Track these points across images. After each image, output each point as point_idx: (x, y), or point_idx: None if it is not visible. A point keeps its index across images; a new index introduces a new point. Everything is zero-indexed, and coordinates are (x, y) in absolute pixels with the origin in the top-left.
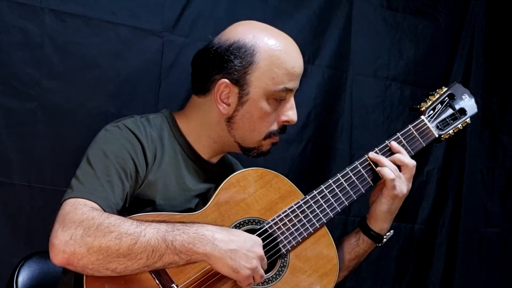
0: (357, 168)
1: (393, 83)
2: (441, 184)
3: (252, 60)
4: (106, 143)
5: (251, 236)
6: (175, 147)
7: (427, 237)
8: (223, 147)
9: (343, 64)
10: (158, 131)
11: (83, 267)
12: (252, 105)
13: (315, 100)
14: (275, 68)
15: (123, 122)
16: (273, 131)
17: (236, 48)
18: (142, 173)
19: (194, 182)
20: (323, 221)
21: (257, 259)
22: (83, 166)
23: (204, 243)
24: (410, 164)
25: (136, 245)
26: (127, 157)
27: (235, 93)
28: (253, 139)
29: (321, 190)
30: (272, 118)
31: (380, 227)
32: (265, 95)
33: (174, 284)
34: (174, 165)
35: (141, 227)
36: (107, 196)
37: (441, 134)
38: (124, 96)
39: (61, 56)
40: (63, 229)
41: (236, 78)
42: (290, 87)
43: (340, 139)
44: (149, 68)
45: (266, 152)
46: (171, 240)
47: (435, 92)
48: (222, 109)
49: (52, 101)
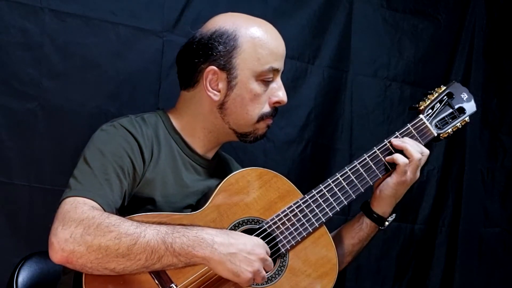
0: (355, 168)
1: (393, 83)
2: (441, 184)
3: (235, 44)
4: (102, 142)
5: (252, 238)
6: (171, 144)
7: (427, 237)
8: (219, 137)
9: (343, 64)
10: (153, 130)
11: (81, 265)
12: (242, 88)
13: (315, 100)
14: (259, 49)
15: (119, 121)
16: (265, 113)
17: (219, 35)
18: (139, 171)
19: (191, 178)
20: (322, 221)
21: (259, 261)
22: (80, 165)
23: (204, 246)
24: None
25: (136, 245)
26: (124, 155)
27: (223, 78)
28: (247, 122)
29: (320, 189)
30: (263, 100)
31: (383, 210)
32: (253, 76)
33: (174, 284)
34: (171, 162)
35: (141, 228)
36: (106, 194)
37: (440, 133)
38: (124, 96)
39: (61, 56)
40: (63, 227)
41: (222, 64)
42: (276, 66)
43: (340, 139)
44: (149, 68)
45: (262, 135)
46: (171, 242)
47: (434, 91)
48: (213, 96)
49: (52, 101)
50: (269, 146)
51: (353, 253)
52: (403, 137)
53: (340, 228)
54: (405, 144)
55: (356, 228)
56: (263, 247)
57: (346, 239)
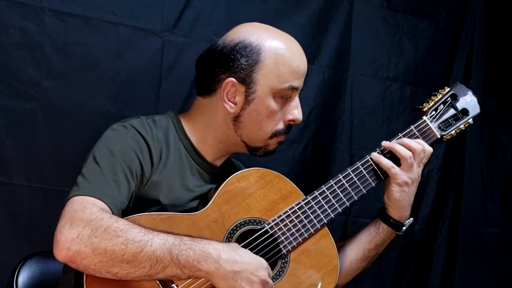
0: (358, 169)
1: (393, 83)
2: (441, 184)
3: (258, 59)
4: (112, 142)
5: (257, 259)
6: (180, 149)
7: (427, 237)
8: (229, 147)
9: (343, 64)
10: (164, 132)
11: (85, 266)
12: (258, 104)
13: (315, 100)
14: (281, 66)
15: (130, 122)
16: (279, 130)
17: (242, 47)
18: (147, 173)
19: (197, 184)
20: (324, 222)
21: (259, 283)
22: (89, 164)
23: (209, 262)
24: (418, 149)
25: (142, 253)
26: (133, 156)
27: (241, 91)
28: (260, 138)
29: (323, 190)
30: (278, 117)
31: (399, 215)
32: (272, 93)
33: (174, 284)
34: (179, 166)
35: (148, 236)
36: (113, 195)
37: (443, 135)
38: (124, 96)
39: (61, 56)
40: (70, 226)
41: (242, 77)
42: (295, 85)
43: (340, 139)
44: (149, 68)
45: (272, 151)
46: (177, 254)
47: (438, 92)
48: (228, 108)
49: (52, 101)
50: None
51: (369, 258)
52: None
53: (355, 233)
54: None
55: (372, 233)
56: (266, 269)
57: (363, 243)
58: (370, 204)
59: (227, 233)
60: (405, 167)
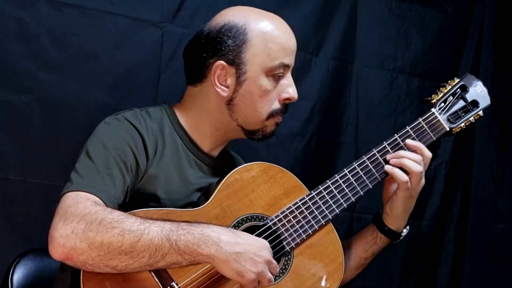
0: (364, 163)
1: (400, 75)
2: (449, 179)
3: (245, 39)
4: (105, 136)
5: (258, 239)
6: (176, 140)
7: (435, 234)
8: (226, 134)
9: (348, 56)
10: (158, 124)
11: (82, 262)
12: (251, 84)
13: (320, 93)
14: (269, 44)
15: (123, 114)
16: (275, 110)
17: (228, 29)
18: (142, 166)
19: (195, 175)
20: (328, 218)
21: (264, 263)
22: (82, 159)
23: (209, 244)
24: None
25: (139, 242)
26: (128, 150)
27: (232, 73)
28: (256, 119)
29: (327, 185)
30: (273, 96)
31: (397, 226)
32: (263, 72)
33: (174, 282)
34: (176, 158)
35: (145, 224)
36: (108, 190)
37: (453, 128)
38: (123, 88)
39: (57, 48)
40: (64, 222)
41: (231, 58)
42: (287, 62)
43: (346, 133)
44: (148, 59)
45: (270, 133)
46: (175, 239)
47: (447, 83)
48: (221, 92)
49: (48, 94)
50: (272, 140)
51: (363, 266)
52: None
53: (349, 240)
54: (401, 160)
55: (369, 242)
56: (269, 250)
57: (358, 252)
58: (376, 199)
59: None
60: (415, 181)
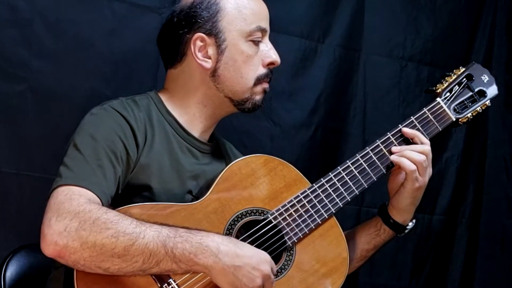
0: (368, 155)
1: (409, 64)
2: (461, 172)
3: (218, 8)
4: (93, 127)
5: (259, 252)
6: (165, 128)
7: (446, 228)
8: (215, 111)
9: (355, 43)
10: (146, 112)
11: (74, 262)
12: (232, 50)
13: (326, 82)
14: (243, 10)
15: (109, 104)
16: (261, 75)
17: (199, 2)
18: (133, 156)
19: (188, 162)
20: (331, 211)
21: (261, 279)
22: (70, 152)
23: (207, 255)
24: (427, 149)
25: (133, 246)
26: (117, 139)
27: (212, 43)
28: (243, 87)
29: (330, 178)
30: (256, 61)
31: (404, 219)
32: (242, 37)
33: (172, 279)
34: (166, 146)
35: (141, 227)
36: (99, 182)
37: (459, 118)
38: (120, 77)
39: (52, 35)
40: (57, 219)
41: (209, 28)
42: (263, 26)
43: (353, 124)
44: (146, 47)
45: (260, 101)
46: (172, 246)
47: (452, 72)
48: (204, 64)
49: (42, 82)
50: (275, 131)
51: (366, 258)
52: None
53: (352, 230)
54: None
55: (372, 234)
56: (269, 263)
57: (361, 243)
58: (385, 193)
59: (228, 224)
60: (421, 170)
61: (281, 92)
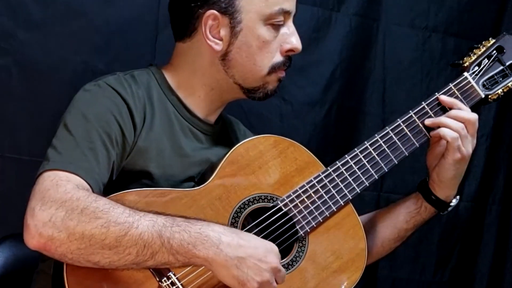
0: (388, 135)
1: (433, 34)
2: (491, 154)
3: None
4: (85, 105)
5: (265, 243)
6: (166, 107)
7: (474, 217)
8: (222, 95)
9: (374, 12)
10: (145, 89)
11: (61, 255)
12: (248, 34)
13: (341, 55)
14: None
15: (104, 80)
16: (277, 63)
17: None
18: (129, 138)
19: (191, 146)
20: (348, 198)
21: (270, 272)
22: (60, 133)
23: (207, 246)
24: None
25: (126, 237)
26: (111, 120)
27: (226, 24)
28: (256, 75)
29: (346, 161)
30: (273, 48)
31: (447, 194)
32: (261, 20)
33: (171, 272)
34: (167, 127)
35: (134, 216)
36: (91, 167)
37: (489, 94)
38: (115, 49)
39: (40, 3)
40: (41, 207)
41: (224, 7)
42: (287, 8)
43: (371, 101)
44: (144, 16)
45: (273, 91)
46: (168, 237)
47: (481, 44)
48: (214, 45)
49: (29, 56)
50: (286, 109)
51: (404, 238)
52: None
53: (390, 207)
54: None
55: (412, 212)
56: (277, 254)
57: (399, 222)
58: (406, 177)
59: (233, 211)
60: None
61: (292, 66)
